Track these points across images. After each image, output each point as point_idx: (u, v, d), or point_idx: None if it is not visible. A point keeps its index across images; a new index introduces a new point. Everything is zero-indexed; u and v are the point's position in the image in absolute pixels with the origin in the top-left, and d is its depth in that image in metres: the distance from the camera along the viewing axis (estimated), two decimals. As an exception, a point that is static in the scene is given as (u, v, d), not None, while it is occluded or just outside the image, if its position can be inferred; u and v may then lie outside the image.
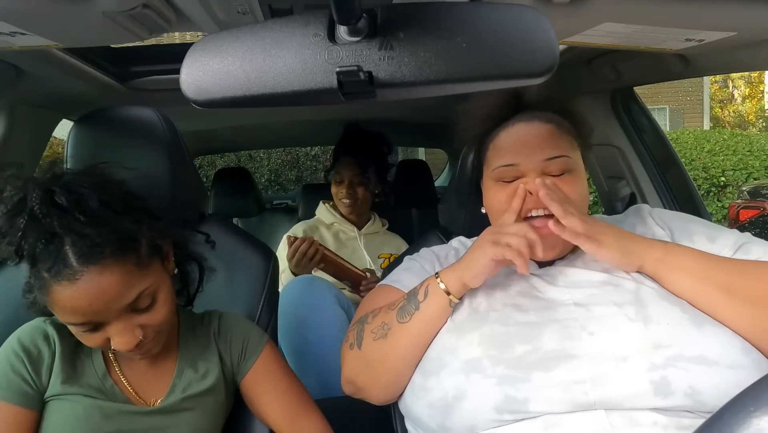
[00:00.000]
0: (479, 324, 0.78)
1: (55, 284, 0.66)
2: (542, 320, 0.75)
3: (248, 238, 1.10)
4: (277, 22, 0.50)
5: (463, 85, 0.48)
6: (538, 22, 0.47)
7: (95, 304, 0.67)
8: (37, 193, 0.67)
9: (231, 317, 0.92)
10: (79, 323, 0.69)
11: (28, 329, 0.79)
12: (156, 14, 0.73)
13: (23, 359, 0.75)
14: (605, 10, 0.70)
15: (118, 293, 0.68)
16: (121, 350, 0.72)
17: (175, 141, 1.01)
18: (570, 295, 0.78)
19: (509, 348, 0.73)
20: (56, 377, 0.76)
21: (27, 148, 1.30)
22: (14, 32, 0.72)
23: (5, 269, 1.00)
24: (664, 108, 12.42)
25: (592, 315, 0.74)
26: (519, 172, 0.84)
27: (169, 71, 1.52)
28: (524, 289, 0.82)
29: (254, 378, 0.88)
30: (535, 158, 0.82)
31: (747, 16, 0.72)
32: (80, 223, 0.66)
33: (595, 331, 0.72)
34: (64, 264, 0.66)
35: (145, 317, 0.73)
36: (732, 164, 6.98)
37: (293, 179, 6.81)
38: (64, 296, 0.66)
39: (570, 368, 0.69)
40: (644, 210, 0.94)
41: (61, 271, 0.65)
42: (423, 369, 0.81)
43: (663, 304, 0.73)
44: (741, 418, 0.36)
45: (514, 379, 0.70)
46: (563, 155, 0.82)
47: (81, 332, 0.71)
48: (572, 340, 0.72)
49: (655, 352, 0.67)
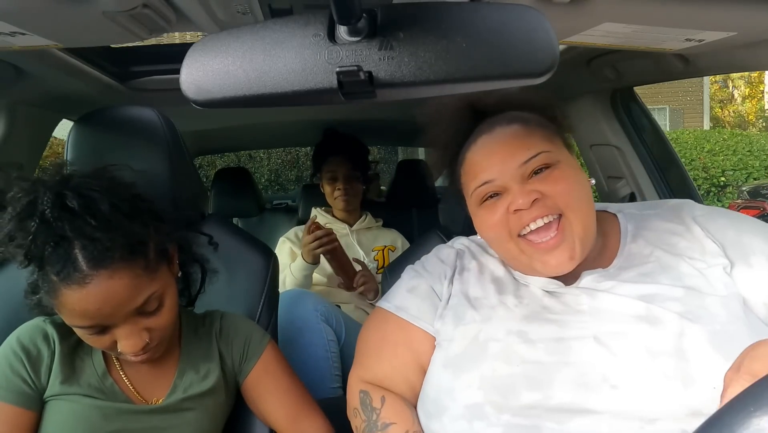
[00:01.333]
0: (478, 361, 0.69)
1: (65, 288, 0.66)
2: (553, 360, 0.65)
3: (248, 238, 1.10)
4: (277, 22, 0.50)
5: (463, 85, 0.48)
6: (538, 22, 0.47)
7: (104, 308, 0.67)
8: (48, 197, 0.66)
9: (232, 318, 0.92)
10: (86, 326, 0.69)
11: (28, 328, 0.79)
12: (156, 14, 0.73)
13: (22, 359, 0.75)
14: (605, 10, 0.70)
15: (127, 297, 0.69)
16: (128, 353, 0.72)
17: (175, 141, 1.01)
18: (591, 327, 0.67)
19: (514, 395, 0.64)
20: (55, 377, 0.76)
21: (27, 148, 1.30)
22: (14, 32, 0.72)
23: (5, 269, 1.00)
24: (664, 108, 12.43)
25: (618, 361, 0.63)
26: (498, 187, 0.74)
27: (169, 71, 1.52)
28: (534, 310, 0.72)
29: (256, 379, 0.88)
30: (508, 167, 0.73)
31: (747, 16, 0.72)
32: (91, 227, 0.66)
33: (619, 384, 0.61)
34: (74, 268, 0.65)
35: (152, 320, 0.73)
36: (732, 164, 6.98)
37: (293, 179, 6.82)
38: (73, 300, 0.66)
39: (586, 424, 0.60)
40: (685, 212, 0.78)
41: (71, 274, 0.65)
42: (424, 409, 0.75)
43: (713, 359, 0.59)
44: (741, 418, 0.36)
45: (523, 428, 0.62)
46: (538, 152, 0.72)
47: (88, 335, 0.71)
48: (590, 391, 0.62)
49: (692, 420, 0.57)
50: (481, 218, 0.78)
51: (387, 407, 0.75)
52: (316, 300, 1.50)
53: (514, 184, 0.73)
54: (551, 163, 0.73)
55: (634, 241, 0.78)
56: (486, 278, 0.81)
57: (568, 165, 0.75)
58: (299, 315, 1.44)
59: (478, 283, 0.80)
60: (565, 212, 0.72)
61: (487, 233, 0.79)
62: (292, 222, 2.38)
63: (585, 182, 0.76)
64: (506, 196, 0.74)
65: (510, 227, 0.74)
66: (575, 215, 0.72)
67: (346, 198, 1.90)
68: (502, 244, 0.76)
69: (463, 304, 0.77)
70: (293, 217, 2.44)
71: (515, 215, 0.73)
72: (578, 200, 0.72)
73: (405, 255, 1.15)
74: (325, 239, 1.62)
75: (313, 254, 1.62)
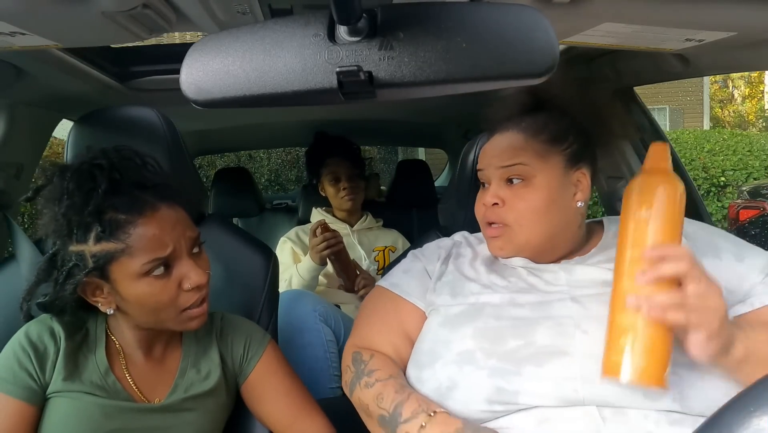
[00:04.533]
0: (474, 319, 0.79)
1: (140, 220, 0.73)
2: (536, 316, 0.76)
3: (248, 238, 1.10)
4: (277, 22, 0.50)
5: (463, 85, 0.48)
6: (538, 22, 0.47)
7: (177, 227, 0.76)
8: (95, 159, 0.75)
9: (233, 319, 0.92)
10: (161, 257, 0.73)
11: (36, 324, 0.79)
12: (156, 14, 0.72)
13: (30, 354, 0.76)
14: (605, 10, 0.70)
15: (188, 225, 0.78)
16: (196, 284, 0.76)
17: (175, 141, 1.01)
18: (569, 292, 0.79)
19: (501, 341, 0.74)
20: (59, 373, 0.76)
21: (27, 148, 1.30)
22: (14, 32, 0.72)
23: (5, 269, 1.00)
24: (664, 108, 12.42)
25: (589, 314, 0.75)
26: (485, 177, 0.89)
27: (169, 71, 1.51)
28: (521, 287, 0.83)
29: (257, 379, 0.88)
30: (493, 164, 0.86)
31: (747, 16, 0.72)
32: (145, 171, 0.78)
33: (589, 330, 0.72)
34: (143, 202, 0.74)
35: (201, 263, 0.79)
36: (732, 164, 6.97)
37: (293, 179, 6.82)
38: (152, 226, 0.73)
39: (561, 365, 0.70)
40: None
41: (143, 207, 0.73)
42: (417, 362, 0.82)
43: None
44: (741, 418, 0.36)
45: (506, 372, 0.71)
46: (516, 163, 0.84)
47: (155, 280, 0.74)
48: (565, 337, 0.72)
49: None
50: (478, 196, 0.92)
51: (374, 360, 0.84)
52: (314, 300, 1.50)
53: (494, 181, 0.87)
54: (525, 177, 0.84)
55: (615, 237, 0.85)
56: (478, 262, 0.92)
57: (542, 184, 0.83)
58: (298, 315, 1.44)
59: (471, 266, 0.91)
60: (513, 225, 0.84)
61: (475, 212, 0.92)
62: (292, 222, 2.38)
63: (539, 207, 0.83)
64: (489, 189, 0.88)
65: (482, 213, 0.88)
66: (521, 230, 0.84)
67: (351, 196, 1.90)
68: (480, 224, 0.90)
69: (460, 279, 0.88)
70: (293, 217, 2.44)
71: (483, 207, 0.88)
72: (530, 219, 0.83)
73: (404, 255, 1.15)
74: (332, 240, 1.62)
75: (321, 255, 1.62)
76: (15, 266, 0.99)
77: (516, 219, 0.84)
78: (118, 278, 0.73)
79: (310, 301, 1.48)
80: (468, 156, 1.13)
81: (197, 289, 0.77)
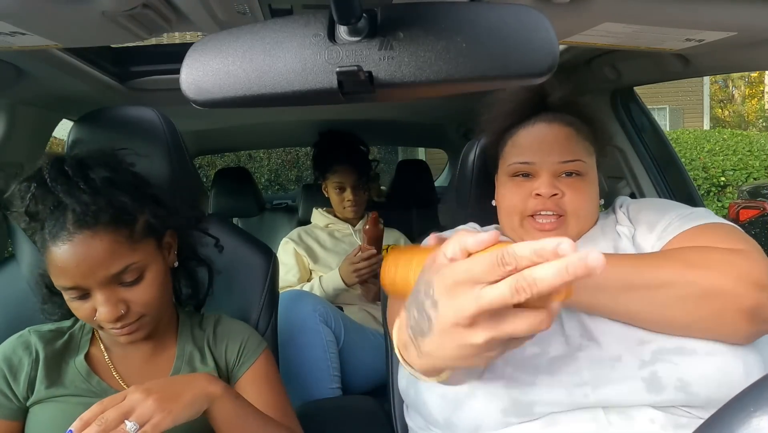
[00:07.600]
0: None
1: (52, 245, 0.72)
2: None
3: (248, 238, 1.10)
4: (277, 22, 0.50)
5: (463, 85, 0.48)
6: (538, 22, 0.47)
7: (82, 266, 0.71)
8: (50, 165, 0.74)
9: (228, 323, 0.92)
10: (68, 287, 0.73)
11: (11, 340, 0.81)
12: (156, 14, 0.72)
13: (3, 371, 0.77)
14: (605, 10, 0.70)
15: (104, 260, 0.72)
16: (104, 322, 0.74)
17: (175, 141, 1.01)
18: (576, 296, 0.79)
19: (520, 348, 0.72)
20: (41, 382, 0.77)
21: (27, 148, 1.30)
22: (14, 32, 0.72)
23: (5, 269, 1.00)
24: (664, 108, 12.42)
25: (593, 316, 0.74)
26: (533, 170, 0.87)
27: (169, 71, 1.52)
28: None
29: (243, 385, 0.87)
30: (550, 159, 0.85)
31: (747, 16, 0.72)
32: (81, 191, 0.73)
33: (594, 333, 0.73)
34: (62, 227, 0.71)
35: (130, 292, 0.75)
36: (732, 164, 6.97)
37: (293, 179, 6.82)
38: (57, 257, 0.71)
39: (571, 372, 0.70)
40: (617, 204, 0.94)
41: (59, 233, 0.71)
42: None
43: None
44: (741, 418, 0.36)
45: (522, 383, 0.71)
46: (578, 159, 0.85)
47: (71, 300, 0.75)
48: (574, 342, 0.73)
49: (642, 348, 0.69)
50: (506, 188, 0.90)
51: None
52: (315, 301, 1.50)
53: (546, 175, 0.85)
54: (582, 173, 0.86)
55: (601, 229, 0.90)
56: None
57: (592, 179, 0.88)
58: (298, 316, 1.44)
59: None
60: (569, 216, 0.85)
61: (503, 201, 0.91)
62: (292, 222, 2.38)
63: (595, 199, 0.89)
64: (535, 180, 0.86)
65: (525, 205, 0.86)
66: (576, 222, 0.85)
67: (355, 208, 1.91)
68: (510, 214, 0.89)
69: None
70: (293, 217, 2.44)
71: (535, 198, 0.85)
72: (585, 212, 0.86)
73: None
74: (376, 266, 1.61)
75: (361, 277, 1.62)
76: (15, 266, 0.99)
77: (575, 210, 0.85)
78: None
79: (310, 301, 1.48)
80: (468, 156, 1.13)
81: (110, 322, 0.75)
